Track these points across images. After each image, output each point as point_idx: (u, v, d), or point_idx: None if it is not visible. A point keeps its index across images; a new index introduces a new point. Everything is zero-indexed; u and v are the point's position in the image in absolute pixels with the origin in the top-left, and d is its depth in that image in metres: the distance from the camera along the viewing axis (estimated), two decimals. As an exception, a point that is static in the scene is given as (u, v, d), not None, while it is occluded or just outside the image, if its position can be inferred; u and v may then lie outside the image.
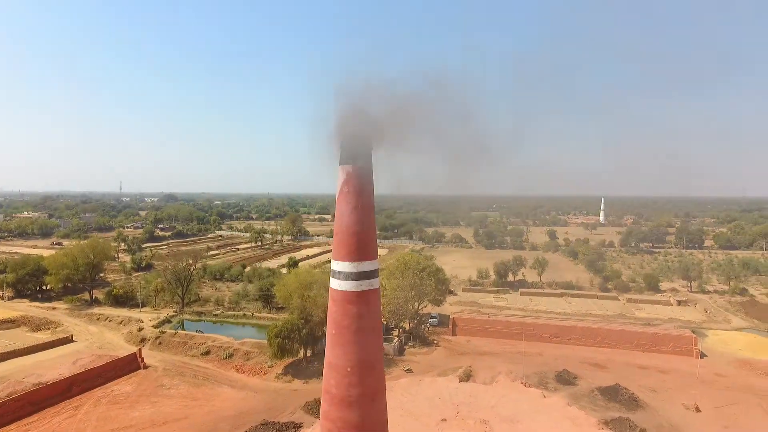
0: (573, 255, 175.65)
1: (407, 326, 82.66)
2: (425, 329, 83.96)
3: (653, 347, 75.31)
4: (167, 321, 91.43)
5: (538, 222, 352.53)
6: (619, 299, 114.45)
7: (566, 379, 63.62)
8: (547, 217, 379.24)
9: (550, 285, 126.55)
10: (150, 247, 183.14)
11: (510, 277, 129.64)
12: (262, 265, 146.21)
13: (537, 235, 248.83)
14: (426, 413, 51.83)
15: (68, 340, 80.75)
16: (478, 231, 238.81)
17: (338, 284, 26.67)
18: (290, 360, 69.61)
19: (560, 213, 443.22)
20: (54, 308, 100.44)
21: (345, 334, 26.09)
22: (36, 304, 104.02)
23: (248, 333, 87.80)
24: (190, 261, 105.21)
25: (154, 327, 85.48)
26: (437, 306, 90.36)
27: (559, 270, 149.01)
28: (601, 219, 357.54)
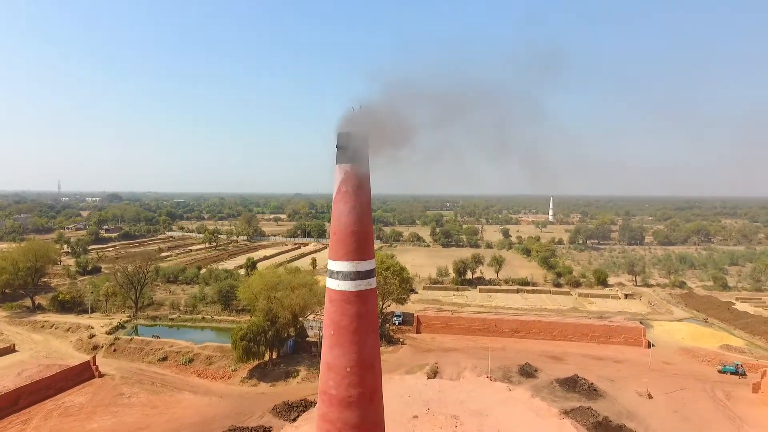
0: (526, 252, 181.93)
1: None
2: (390, 328, 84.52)
3: (606, 339, 79.40)
4: (121, 327, 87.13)
5: (491, 220, 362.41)
6: (572, 294, 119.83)
7: (528, 372, 66.02)
8: (500, 216, 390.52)
9: (507, 282, 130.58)
10: (96, 250, 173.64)
11: (468, 275, 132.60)
12: (219, 267, 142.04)
13: (491, 234, 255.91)
14: (397, 411, 52.24)
15: (10, 350, 75.31)
16: (435, 230, 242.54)
17: (336, 284, 26.43)
18: (255, 363, 68.20)
19: (511, 212, 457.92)
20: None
21: (344, 335, 25.89)
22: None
23: (208, 337, 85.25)
24: (144, 263, 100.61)
25: (107, 333, 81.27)
26: (401, 305, 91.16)
27: (514, 267, 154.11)
28: (550, 217, 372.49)
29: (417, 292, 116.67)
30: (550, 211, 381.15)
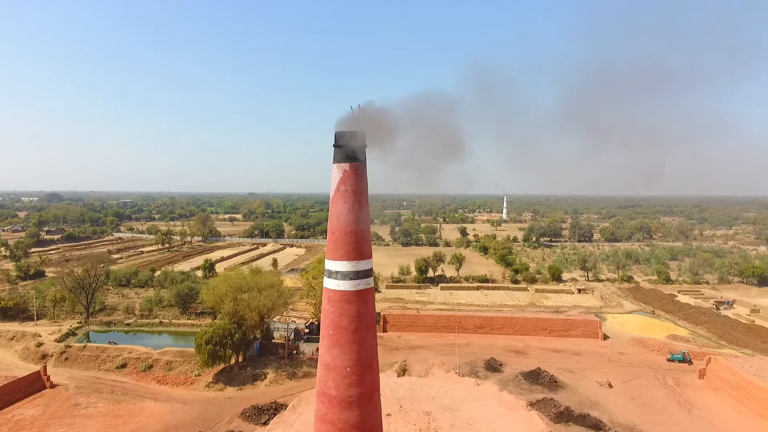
0: (483, 250, 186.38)
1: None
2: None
3: (564, 332, 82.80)
4: (71, 334, 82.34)
5: (448, 219, 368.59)
6: (529, 290, 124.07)
7: (494, 367, 67.91)
8: (456, 215, 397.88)
9: (467, 279, 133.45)
10: (38, 253, 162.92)
11: (430, 273, 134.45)
12: (174, 269, 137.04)
13: (449, 232, 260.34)
14: (370, 410, 52.39)
15: (-53, 363, 69.71)
16: (394, 229, 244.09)
17: (335, 284, 26.11)
18: (220, 367, 66.41)
19: (467, 211, 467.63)
20: None
21: (344, 334, 25.62)
22: None
23: (166, 342, 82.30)
24: (95, 266, 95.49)
25: (57, 341, 76.62)
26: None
27: (473, 265, 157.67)
28: (504, 216, 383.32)
29: (380, 291, 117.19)
30: (504, 210, 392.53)
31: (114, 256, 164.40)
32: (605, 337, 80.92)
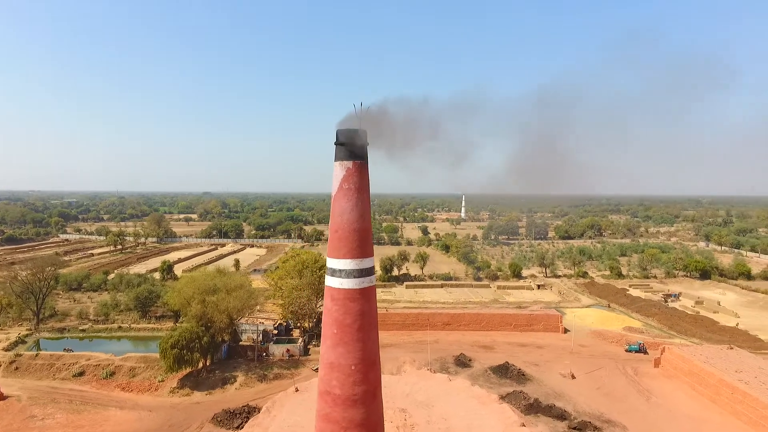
0: (445, 249, 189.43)
1: (308, 326, 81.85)
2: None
3: (528, 327, 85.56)
4: (21, 342, 77.37)
5: (408, 218, 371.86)
6: (491, 286, 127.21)
7: (464, 362, 69.31)
8: (415, 214, 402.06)
9: (431, 277, 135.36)
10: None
11: (395, 272, 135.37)
12: (129, 271, 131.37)
13: (410, 231, 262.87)
14: (346, 409, 52.32)
15: None
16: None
17: (339, 282, 25.87)
18: (186, 372, 64.33)
19: (426, 210, 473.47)
20: None
21: (348, 333, 25.44)
22: None
23: (126, 347, 79.07)
24: (45, 269, 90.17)
25: (5, 350, 71.80)
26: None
27: (436, 263, 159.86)
28: (463, 215, 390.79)
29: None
30: (463, 209, 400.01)
31: (63, 259, 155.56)
32: (566, 331, 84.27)
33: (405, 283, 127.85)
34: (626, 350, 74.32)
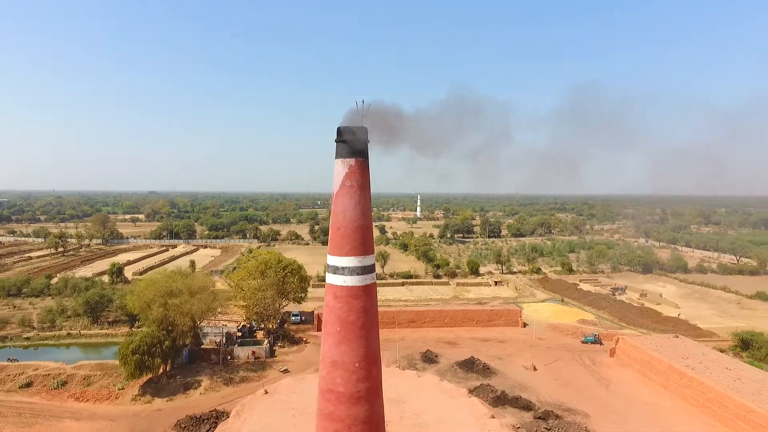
0: (403, 247, 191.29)
1: (272, 327, 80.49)
2: (290, 328, 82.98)
3: (489, 322, 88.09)
4: (-44, 353, 71.55)
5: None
6: (450, 284, 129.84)
7: (430, 358, 70.49)
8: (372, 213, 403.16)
9: (392, 276, 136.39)
10: None
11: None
12: (74, 275, 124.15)
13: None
14: (318, 409, 52.02)
15: None
16: (314, 227, 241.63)
17: (342, 280, 25.55)
18: (146, 378, 61.69)
19: (381, 209, 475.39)
20: None
21: (351, 330, 25.20)
22: None
23: (77, 355, 74.99)
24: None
25: (-61, 362, 66.11)
26: (299, 303, 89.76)
27: (395, 261, 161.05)
28: (418, 214, 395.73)
29: (308, 291, 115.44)
30: (418, 209, 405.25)
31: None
32: (525, 325, 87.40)
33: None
34: (582, 341, 78.06)
